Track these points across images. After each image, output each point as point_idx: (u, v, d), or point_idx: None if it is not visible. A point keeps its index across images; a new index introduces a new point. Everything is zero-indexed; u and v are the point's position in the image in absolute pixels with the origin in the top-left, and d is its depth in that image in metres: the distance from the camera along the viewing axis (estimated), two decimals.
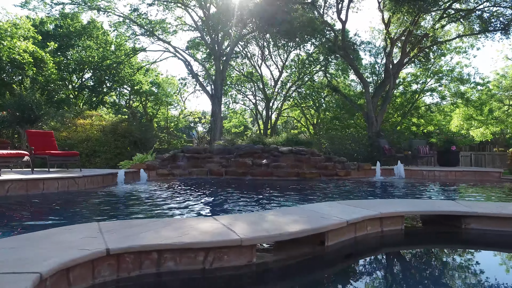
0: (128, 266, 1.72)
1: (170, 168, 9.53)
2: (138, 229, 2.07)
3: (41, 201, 5.08)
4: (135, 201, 5.31)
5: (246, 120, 36.16)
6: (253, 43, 26.09)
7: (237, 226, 2.23)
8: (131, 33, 22.51)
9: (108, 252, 1.63)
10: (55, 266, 1.40)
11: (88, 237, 1.86)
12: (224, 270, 1.88)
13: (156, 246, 1.76)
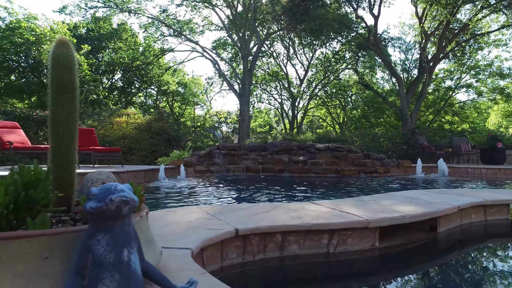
0: (253, 249, 1.63)
1: (207, 165, 9.53)
2: (245, 212, 1.99)
3: None
4: (194, 193, 5.28)
5: (271, 120, 36.05)
6: (279, 42, 26.00)
7: (347, 209, 2.10)
8: (160, 34, 22.88)
9: (237, 232, 1.55)
10: (199, 244, 1.32)
11: (202, 218, 1.79)
12: (348, 255, 1.76)
13: (282, 228, 1.66)
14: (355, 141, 18.17)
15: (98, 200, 0.73)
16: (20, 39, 16.14)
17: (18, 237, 0.72)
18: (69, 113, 1.05)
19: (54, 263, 0.74)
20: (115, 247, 0.74)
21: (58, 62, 1.02)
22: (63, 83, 1.03)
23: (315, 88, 26.95)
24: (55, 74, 1.02)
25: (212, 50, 24.91)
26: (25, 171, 0.85)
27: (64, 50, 1.04)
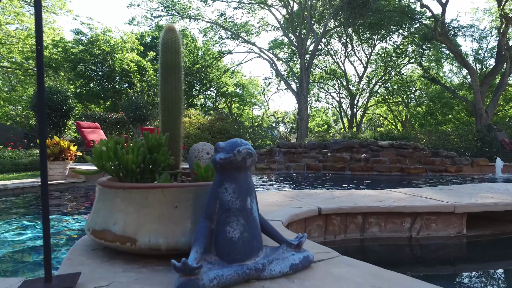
0: (335, 228, 1.67)
1: (267, 163, 9.67)
2: (322, 196, 2.04)
3: None
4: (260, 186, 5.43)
5: (329, 119, 35.33)
6: (336, 39, 25.43)
7: (428, 195, 2.04)
8: (218, 37, 23.76)
9: (319, 211, 1.60)
10: (287, 217, 1.40)
11: (282, 199, 1.87)
12: (432, 240, 1.71)
13: (364, 209, 1.68)
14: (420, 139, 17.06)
15: (227, 152, 0.83)
16: (98, 50, 17.89)
17: (155, 187, 0.86)
18: (177, 91, 1.18)
19: (182, 211, 0.86)
20: (240, 195, 0.84)
21: (167, 46, 1.16)
22: (171, 64, 1.16)
23: (375, 85, 25.83)
24: (164, 56, 1.16)
25: (269, 50, 25.19)
26: (150, 137, 0.99)
27: (171, 35, 1.17)
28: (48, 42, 17.97)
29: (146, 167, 0.96)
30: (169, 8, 20.50)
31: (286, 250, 0.93)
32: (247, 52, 23.77)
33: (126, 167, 0.92)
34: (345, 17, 15.40)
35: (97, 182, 0.93)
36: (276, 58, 24.91)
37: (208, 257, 0.84)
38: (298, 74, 23.49)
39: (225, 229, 0.83)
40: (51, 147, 5.26)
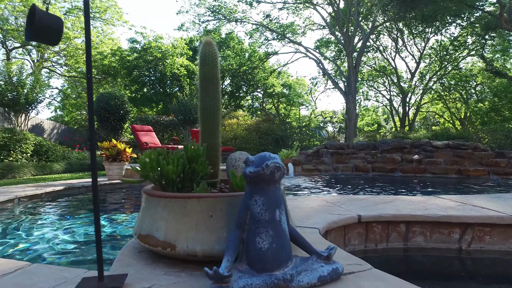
0: (376, 236, 1.63)
1: (314, 164, 9.55)
2: (364, 202, 2.00)
3: None
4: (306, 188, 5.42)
5: (379, 118, 33.92)
6: (385, 35, 24.34)
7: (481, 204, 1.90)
8: (264, 39, 23.95)
9: (359, 219, 1.58)
10: (324, 225, 1.40)
11: (322, 205, 1.87)
12: (486, 254, 1.60)
13: (406, 217, 1.62)
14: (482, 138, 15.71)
15: (256, 166, 0.87)
16: (151, 57, 18.98)
17: (192, 197, 0.92)
18: (215, 101, 1.25)
19: (217, 220, 0.92)
20: (269, 207, 0.87)
21: (205, 59, 1.22)
22: (209, 76, 1.23)
23: (429, 81, 24.28)
24: (203, 68, 1.23)
25: (315, 49, 24.84)
26: (189, 148, 1.06)
27: (209, 48, 1.24)
28: (107, 51, 19.45)
29: (186, 176, 1.03)
30: (215, 12, 21.10)
31: (315, 261, 0.94)
32: (293, 53, 23.68)
33: (167, 177, 1.00)
34: (395, 11, 14.69)
35: (142, 190, 1.02)
36: (323, 57, 24.49)
37: (239, 265, 0.88)
38: (345, 72, 22.89)
39: (255, 240, 0.87)
40: (109, 149, 5.69)
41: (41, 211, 3.46)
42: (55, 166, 7.93)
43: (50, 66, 19.82)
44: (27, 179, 6.40)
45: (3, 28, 14.62)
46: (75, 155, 9.87)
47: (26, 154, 7.58)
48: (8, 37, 15.53)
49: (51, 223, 2.87)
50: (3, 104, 8.25)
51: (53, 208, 3.65)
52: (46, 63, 19.28)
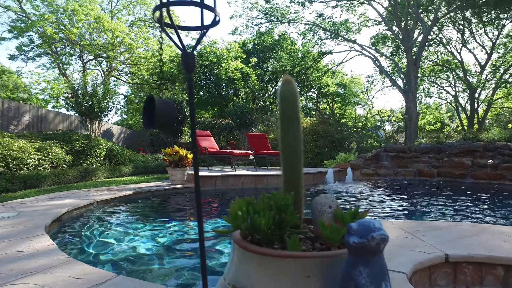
0: (466, 278, 1.51)
1: (374, 168, 9.17)
2: (447, 232, 1.85)
3: None
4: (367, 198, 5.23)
5: (443, 116, 31.52)
6: (449, 26, 22.50)
7: None
8: (317, 38, 23.52)
9: (447, 258, 1.47)
10: (411, 267, 1.33)
11: (400, 236, 1.77)
12: None
13: (504, 260, 1.47)
14: None
15: (360, 236, 0.84)
16: (206, 61, 19.67)
17: (287, 256, 0.92)
18: (296, 141, 1.23)
19: (314, 282, 0.90)
20: (375, 280, 0.84)
21: (285, 98, 1.22)
22: (290, 115, 1.21)
23: (504, 73, 21.94)
24: (283, 107, 1.22)
25: (371, 46, 23.80)
26: (278, 197, 1.06)
27: (289, 87, 1.23)
28: (167, 58, 20.54)
29: (276, 227, 1.03)
30: (268, 15, 21.21)
31: None
32: (347, 51, 22.94)
33: (258, 229, 1.01)
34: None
35: (233, 240, 1.04)
36: (379, 54, 23.38)
37: None
38: (404, 69, 21.63)
39: None
40: (172, 155, 5.99)
41: (117, 216, 3.75)
42: (123, 169, 8.56)
43: (117, 75, 21.47)
44: (101, 181, 6.99)
45: (81, 44, 16.17)
46: (140, 158, 10.55)
47: (99, 158, 8.30)
48: (84, 51, 17.15)
49: (126, 228, 3.09)
50: (81, 112, 9.12)
51: (126, 213, 3.94)
52: (114, 72, 20.93)
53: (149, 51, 19.40)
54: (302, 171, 1.22)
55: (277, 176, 6.78)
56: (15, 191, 5.15)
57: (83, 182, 6.69)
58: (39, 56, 17.25)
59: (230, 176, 6.42)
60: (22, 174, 5.60)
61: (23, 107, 8.86)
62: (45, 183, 5.84)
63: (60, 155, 6.85)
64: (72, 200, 4.03)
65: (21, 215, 3.10)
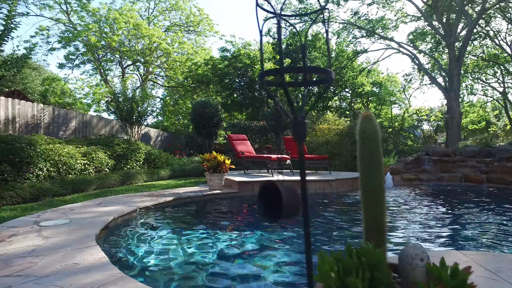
0: None
1: (415, 173, 8.75)
2: None
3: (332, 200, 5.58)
4: (414, 209, 4.99)
5: (488, 114, 29.61)
6: (498, 17, 21.06)
7: None
8: (352, 37, 22.95)
9: None
10: None
11: (481, 276, 1.57)
12: None
13: None
14: None
15: None
16: (240, 64, 19.81)
17: None
18: (378, 182, 1.13)
19: None
20: None
21: (366, 137, 1.12)
22: (372, 154, 1.12)
23: None
24: (363, 146, 1.13)
25: (409, 43, 22.85)
26: (369, 253, 0.98)
27: (370, 125, 1.14)
28: (201, 61, 20.93)
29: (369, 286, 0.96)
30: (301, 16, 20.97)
31: None
32: (384, 49, 22.20)
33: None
34: None
35: None
36: (418, 51, 22.38)
37: None
38: (445, 66, 20.56)
39: None
40: (210, 161, 6.04)
41: (161, 223, 3.82)
42: (161, 172, 8.79)
43: (153, 78, 22.19)
44: (141, 185, 7.21)
45: (120, 50, 16.92)
46: (177, 161, 10.80)
47: (139, 162, 8.58)
48: (123, 57, 17.92)
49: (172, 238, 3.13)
50: (122, 117, 9.50)
51: (170, 221, 4.01)
52: (150, 76, 21.65)
53: (184, 54, 19.86)
54: (385, 217, 1.12)
55: (315, 182, 6.65)
56: (65, 195, 5.43)
57: (124, 186, 6.94)
58: (83, 63, 18.29)
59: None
60: (71, 179, 5.89)
61: (70, 114, 9.38)
62: (90, 187, 6.11)
63: (103, 160, 7.15)
64: (117, 206, 4.16)
65: (73, 222, 3.23)
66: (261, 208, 1.11)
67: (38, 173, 5.39)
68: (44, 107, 8.64)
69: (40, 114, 8.44)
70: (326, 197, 6.00)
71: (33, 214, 3.70)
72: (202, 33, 21.58)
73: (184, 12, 21.44)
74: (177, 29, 21.01)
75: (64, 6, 18.30)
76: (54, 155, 5.87)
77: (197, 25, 21.22)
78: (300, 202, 1.08)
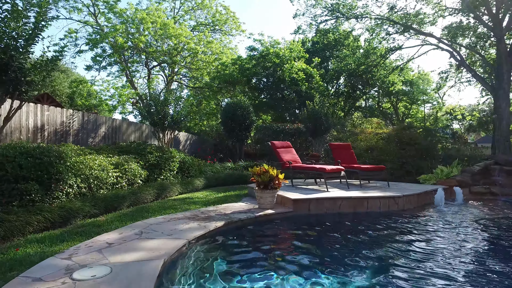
0: None
1: (486, 186, 7.60)
2: None
3: (410, 221, 4.64)
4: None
5: None
6: None
7: None
8: (385, 33, 21.60)
9: None
10: None
11: None
12: None
13: None
14: None
15: None
16: (269, 63, 18.93)
17: None
18: None
19: None
20: None
21: None
22: None
23: None
24: None
25: (449, 38, 21.27)
26: None
27: None
28: (228, 61, 20.21)
29: None
30: (334, 11, 19.87)
31: None
32: (420, 45, 20.77)
33: None
34: None
35: None
36: (458, 46, 20.78)
37: None
38: (493, 62, 18.94)
39: None
40: (261, 175, 5.21)
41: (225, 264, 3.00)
42: (195, 182, 8.05)
43: (179, 79, 21.66)
44: (179, 199, 6.48)
45: (147, 51, 16.41)
46: (209, 168, 10.06)
47: (172, 172, 7.86)
48: (149, 58, 17.41)
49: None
50: (154, 123, 8.82)
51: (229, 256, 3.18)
52: (176, 77, 21.11)
53: (211, 54, 19.17)
54: None
55: (378, 198, 5.70)
56: (97, 216, 4.73)
57: (159, 201, 6.22)
58: (110, 65, 17.91)
59: (325, 199, 5.48)
60: (103, 195, 5.21)
61: (100, 119, 8.79)
62: (124, 204, 5.41)
63: (136, 171, 6.46)
64: (162, 240, 3.40)
65: (115, 273, 2.46)
66: None
67: (68, 190, 4.72)
68: (74, 113, 8.08)
69: (69, 121, 7.87)
70: (398, 220, 5.04)
71: (63, 253, 2.97)
72: (228, 32, 20.86)
73: (210, 11, 20.78)
74: (203, 28, 20.37)
75: (92, 8, 18.02)
76: (84, 168, 5.20)
77: (223, 24, 20.52)
78: None
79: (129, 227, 3.93)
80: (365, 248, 3.58)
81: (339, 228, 4.57)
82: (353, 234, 4.17)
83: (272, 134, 13.44)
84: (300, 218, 5.04)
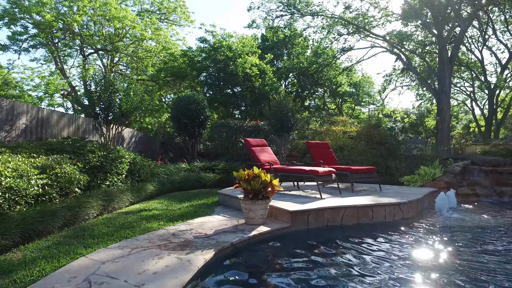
0: None
1: (471, 187, 7.25)
2: None
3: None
4: None
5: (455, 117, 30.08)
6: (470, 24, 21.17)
7: None
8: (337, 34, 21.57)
9: None
10: None
11: None
12: None
13: None
14: None
15: None
16: (221, 56, 17.59)
17: None
18: None
19: None
20: None
21: None
22: None
23: None
24: None
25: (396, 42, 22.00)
26: None
27: None
28: (177, 52, 18.42)
29: None
30: (289, 6, 19.21)
31: None
32: (369, 47, 21.13)
33: None
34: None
35: None
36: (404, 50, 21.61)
37: None
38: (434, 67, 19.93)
39: None
40: (251, 181, 3.98)
41: None
42: (148, 188, 6.55)
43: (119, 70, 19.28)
44: (132, 213, 4.98)
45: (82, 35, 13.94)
46: (162, 170, 8.51)
47: (121, 176, 6.23)
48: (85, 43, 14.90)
49: None
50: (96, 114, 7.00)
51: None
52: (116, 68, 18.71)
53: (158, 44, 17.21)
54: None
55: (384, 206, 4.83)
56: (8, 250, 3.09)
57: (107, 216, 4.65)
58: (34, 47, 14.91)
59: (326, 209, 4.43)
60: (20, 215, 3.54)
61: (18, 107, 6.71)
62: (55, 224, 3.78)
63: (73, 176, 4.77)
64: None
65: None
66: None
67: None
68: None
69: None
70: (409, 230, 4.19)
71: None
72: (177, 22, 19.07)
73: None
74: (149, 15, 18.29)
75: None
76: None
77: (171, 12, 18.67)
78: None
79: (66, 273, 2.43)
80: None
81: (342, 244, 3.51)
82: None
83: (232, 131, 12.19)
84: (302, 236, 3.92)
